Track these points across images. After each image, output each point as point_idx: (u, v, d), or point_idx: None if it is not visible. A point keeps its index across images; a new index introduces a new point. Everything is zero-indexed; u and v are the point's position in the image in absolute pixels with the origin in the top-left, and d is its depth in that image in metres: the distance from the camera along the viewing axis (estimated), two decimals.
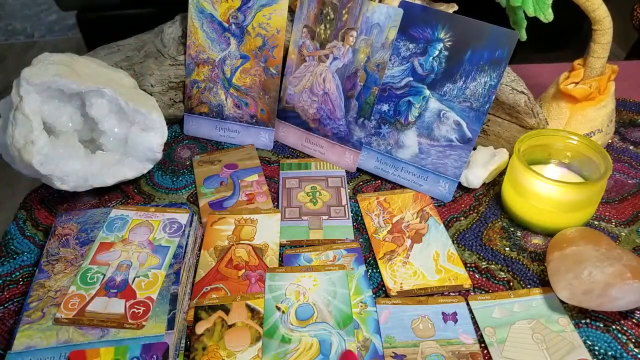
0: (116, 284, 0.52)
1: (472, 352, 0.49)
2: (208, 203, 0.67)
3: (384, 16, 0.66)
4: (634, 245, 0.60)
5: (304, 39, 0.72)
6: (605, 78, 0.68)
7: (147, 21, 1.01)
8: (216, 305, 0.52)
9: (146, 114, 0.65)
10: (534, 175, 0.58)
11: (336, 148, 0.73)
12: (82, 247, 0.57)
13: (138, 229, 0.59)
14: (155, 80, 0.76)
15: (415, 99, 0.67)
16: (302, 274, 0.55)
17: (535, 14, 0.62)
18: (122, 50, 0.78)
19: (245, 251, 0.59)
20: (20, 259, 0.60)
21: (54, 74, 0.61)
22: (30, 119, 0.59)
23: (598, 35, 0.65)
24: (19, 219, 0.65)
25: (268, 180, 0.71)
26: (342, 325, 0.50)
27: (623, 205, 0.66)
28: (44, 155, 0.60)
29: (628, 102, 0.86)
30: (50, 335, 0.48)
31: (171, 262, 0.54)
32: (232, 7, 0.73)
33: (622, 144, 0.77)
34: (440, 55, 0.64)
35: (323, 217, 0.65)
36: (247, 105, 0.76)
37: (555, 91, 0.72)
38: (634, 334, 0.51)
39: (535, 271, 0.58)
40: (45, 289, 0.52)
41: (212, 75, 0.76)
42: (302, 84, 0.74)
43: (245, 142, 0.78)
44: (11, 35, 2.94)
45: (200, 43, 0.76)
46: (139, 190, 0.70)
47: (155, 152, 0.68)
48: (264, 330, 0.50)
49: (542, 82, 0.91)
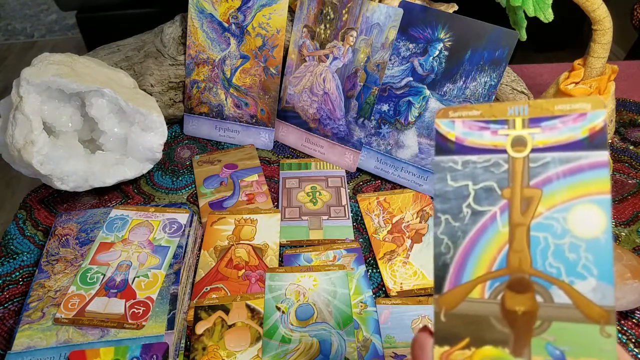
0: (116, 284, 0.52)
1: None
2: (208, 203, 0.67)
3: (384, 16, 0.66)
4: (634, 245, 0.61)
5: (304, 39, 0.72)
6: (605, 78, 0.68)
7: (147, 21, 1.01)
8: (216, 305, 0.52)
9: (146, 114, 0.65)
10: None
11: (336, 148, 0.73)
12: (82, 247, 0.57)
13: (138, 229, 0.59)
14: (155, 80, 0.76)
15: (415, 99, 0.67)
16: (302, 274, 0.55)
17: (535, 14, 0.62)
18: (122, 50, 0.78)
19: (245, 251, 0.59)
20: (20, 259, 0.60)
21: (54, 74, 0.61)
22: (30, 119, 0.59)
23: (598, 35, 0.65)
24: (19, 219, 0.65)
25: (268, 180, 0.71)
26: (342, 326, 0.50)
27: (623, 205, 0.66)
28: (44, 155, 0.60)
29: (628, 102, 0.86)
30: (50, 335, 0.48)
31: (171, 262, 0.54)
32: (232, 7, 0.73)
33: (622, 144, 0.77)
34: (440, 55, 0.64)
35: (323, 217, 0.65)
36: (247, 105, 0.76)
37: (555, 91, 0.72)
38: (634, 334, 0.51)
39: None
40: (45, 289, 0.52)
41: (212, 75, 0.76)
42: (302, 84, 0.74)
43: (245, 142, 0.78)
44: (11, 35, 2.94)
45: (200, 43, 0.76)
46: (139, 190, 0.70)
47: (155, 152, 0.68)
48: (264, 331, 0.50)
49: (542, 82, 0.92)
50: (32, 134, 0.59)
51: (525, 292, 0.26)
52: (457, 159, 0.28)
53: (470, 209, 0.28)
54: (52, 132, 0.64)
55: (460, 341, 0.27)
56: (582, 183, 0.26)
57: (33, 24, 3.03)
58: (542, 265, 0.26)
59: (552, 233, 0.26)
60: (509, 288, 0.26)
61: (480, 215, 0.27)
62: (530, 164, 0.27)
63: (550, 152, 0.27)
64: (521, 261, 0.26)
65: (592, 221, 0.26)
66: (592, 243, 0.25)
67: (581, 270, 0.25)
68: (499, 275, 0.27)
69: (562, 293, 0.25)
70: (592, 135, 0.26)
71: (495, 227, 0.27)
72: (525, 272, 0.26)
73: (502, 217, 0.27)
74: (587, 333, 0.25)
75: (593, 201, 0.26)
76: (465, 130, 0.28)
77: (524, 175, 0.27)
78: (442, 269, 0.28)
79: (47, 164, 0.60)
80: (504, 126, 0.28)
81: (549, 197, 0.26)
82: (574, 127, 0.26)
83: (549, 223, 0.26)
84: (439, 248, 0.28)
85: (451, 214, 0.28)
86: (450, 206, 0.28)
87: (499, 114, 0.28)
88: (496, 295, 0.26)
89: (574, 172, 0.26)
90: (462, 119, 0.28)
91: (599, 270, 0.25)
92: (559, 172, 0.26)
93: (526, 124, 0.27)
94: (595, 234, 0.25)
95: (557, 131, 0.27)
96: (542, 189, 0.27)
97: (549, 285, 0.26)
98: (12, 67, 2.63)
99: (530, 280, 0.26)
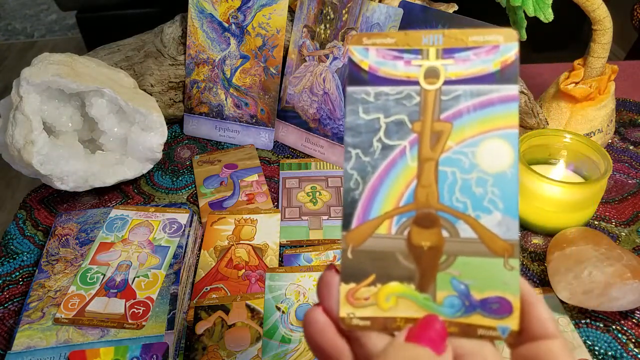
0: (116, 284, 0.52)
1: None
2: (208, 203, 0.67)
3: (384, 16, 0.66)
4: (634, 245, 0.61)
5: (304, 39, 0.72)
6: (605, 78, 0.68)
7: (147, 21, 1.01)
8: (216, 305, 0.52)
9: (146, 114, 0.65)
10: (534, 175, 0.58)
11: (336, 148, 0.73)
12: (82, 247, 0.57)
13: (138, 229, 0.59)
14: (155, 80, 0.76)
15: None
16: (302, 274, 0.55)
17: (535, 14, 0.62)
18: (122, 50, 0.78)
19: (245, 251, 0.59)
20: (20, 259, 0.60)
21: (54, 74, 0.61)
22: (30, 119, 0.59)
23: (598, 35, 0.65)
24: (19, 219, 0.65)
25: (268, 180, 0.71)
26: None
27: (623, 205, 0.66)
28: (44, 155, 0.60)
29: (628, 102, 0.86)
30: (50, 335, 0.48)
31: (171, 262, 0.54)
32: (232, 7, 0.73)
33: (622, 144, 0.77)
34: None
35: (323, 217, 0.65)
36: (247, 105, 0.76)
37: (555, 91, 0.72)
38: (634, 334, 0.51)
39: (535, 271, 0.58)
40: (45, 289, 0.52)
41: (212, 75, 0.76)
42: (302, 84, 0.74)
43: (245, 142, 0.78)
44: (11, 35, 2.94)
45: (200, 43, 0.76)
46: (139, 190, 0.70)
47: (155, 152, 0.68)
48: (264, 331, 0.50)
49: (542, 82, 0.92)
50: (32, 134, 0.59)
51: (432, 227, 0.26)
52: (370, 90, 0.27)
53: (381, 143, 0.27)
54: (52, 132, 0.64)
55: (367, 278, 0.26)
56: (491, 117, 0.26)
57: (33, 24, 3.03)
58: (449, 200, 0.26)
59: (460, 168, 0.26)
60: (415, 223, 0.26)
61: (390, 149, 0.27)
62: (442, 96, 0.26)
63: (462, 85, 0.26)
64: (428, 196, 0.26)
65: (499, 156, 0.26)
66: (498, 177, 0.25)
67: (487, 205, 0.26)
68: (406, 211, 0.26)
69: (468, 227, 0.25)
70: (503, 69, 0.26)
71: (405, 162, 0.26)
72: (432, 207, 0.26)
73: (411, 151, 0.26)
74: (491, 267, 0.25)
75: (501, 135, 0.26)
76: (379, 60, 0.27)
77: (435, 108, 0.26)
78: (351, 205, 0.27)
79: (47, 164, 0.60)
80: (417, 56, 0.27)
81: (459, 131, 0.26)
82: (486, 60, 0.26)
83: (457, 157, 0.26)
84: (348, 184, 0.27)
85: (362, 149, 0.27)
86: (361, 140, 0.27)
87: (414, 43, 0.27)
88: (403, 230, 0.26)
89: (484, 106, 0.26)
90: (376, 47, 0.27)
91: (505, 205, 0.25)
92: (470, 106, 0.26)
93: (440, 55, 0.26)
94: (502, 168, 0.26)
95: (470, 63, 0.26)
96: (452, 122, 0.26)
97: (455, 220, 0.26)
98: (12, 67, 2.63)
99: (437, 215, 0.26)
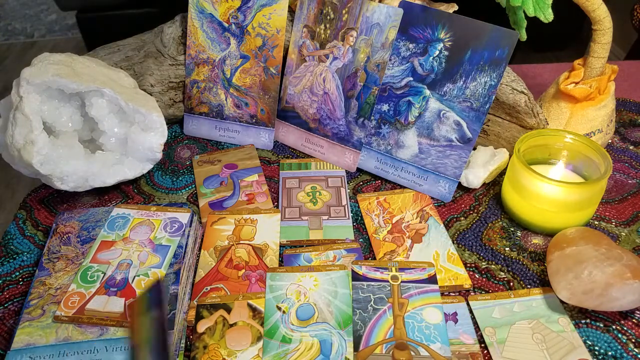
0: (116, 282, 0.52)
1: (472, 352, 0.49)
2: (208, 203, 0.67)
3: (384, 16, 0.66)
4: (634, 245, 0.61)
5: (304, 39, 0.72)
6: (605, 78, 0.68)
7: (147, 21, 1.01)
8: (218, 304, 0.52)
9: (146, 114, 0.65)
10: (534, 175, 0.58)
11: (336, 148, 0.73)
12: (83, 245, 0.57)
13: (139, 227, 0.59)
14: (155, 80, 0.76)
15: (415, 99, 0.67)
16: (302, 274, 0.55)
17: (535, 14, 0.62)
18: (122, 50, 0.78)
19: (245, 251, 0.59)
20: (20, 259, 0.60)
21: (54, 74, 0.61)
22: (30, 119, 0.59)
23: (598, 35, 0.65)
24: (19, 219, 0.65)
25: (268, 180, 0.71)
26: (342, 326, 0.50)
27: (623, 205, 0.66)
28: (44, 155, 0.60)
29: (628, 102, 0.86)
30: (50, 332, 0.48)
31: (171, 262, 0.55)
32: (232, 7, 0.73)
33: (622, 144, 0.77)
34: (440, 55, 0.64)
35: (323, 217, 0.65)
36: (247, 105, 0.76)
37: (555, 91, 0.72)
38: (634, 334, 0.51)
39: (535, 271, 0.58)
40: (45, 286, 0.52)
41: (212, 75, 0.76)
42: (302, 84, 0.74)
43: (245, 142, 0.78)
44: (11, 35, 2.94)
45: (200, 43, 0.76)
46: (139, 190, 0.70)
47: (155, 152, 0.68)
48: (265, 330, 0.50)
49: (542, 82, 0.92)
50: (32, 134, 0.59)
51: (405, 350, 0.48)
52: (364, 284, 0.54)
53: (372, 307, 0.51)
54: (52, 132, 0.64)
55: None
56: (427, 298, 0.52)
57: (33, 24, 3.03)
58: (412, 336, 0.49)
59: (415, 320, 0.50)
60: (395, 347, 0.48)
61: (377, 310, 0.51)
62: (401, 287, 0.53)
63: (411, 283, 0.54)
64: (401, 334, 0.49)
65: (434, 315, 0.51)
66: (436, 326, 0.50)
67: (432, 339, 0.49)
68: (389, 341, 0.48)
69: (424, 350, 0.48)
70: (429, 278, 0.54)
71: (386, 317, 0.51)
72: (403, 339, 0.48)
73: (389, 311, 0.51)
74: None
75: (434, 306, 0.52)
76: (368, 271, 0.55)
77: (398, 292, 0.53)
78: (358, 338, 0.49)
79: (47, 164, 0.60)
80: (386, 271, 0.55)
81: (412, 303, 0.52)
82: (421, 274, 0.55)
83: (413, 315, 0.51)
84: (356, 327, 0.50)
85: (362, 309, 0.51)
86: (362, 305, 0.52)
87: (383, 265, 0.56)
88: (389, 352, 0.48)
89: (423, 293, 0.53)
90: (365, 266, 0.56)
91: (441, 339, 0.49)
92: (416, 292, 0.53)
93: (397, 270, 0.55)
94: (436, 321, 0.50)
95: (413, 274, 0.55)
96: (408, 299, 0.52)
97: (417, 346, 0.48)
98: (12, 67, 2.63)
99: (407, 343, 0.48)
